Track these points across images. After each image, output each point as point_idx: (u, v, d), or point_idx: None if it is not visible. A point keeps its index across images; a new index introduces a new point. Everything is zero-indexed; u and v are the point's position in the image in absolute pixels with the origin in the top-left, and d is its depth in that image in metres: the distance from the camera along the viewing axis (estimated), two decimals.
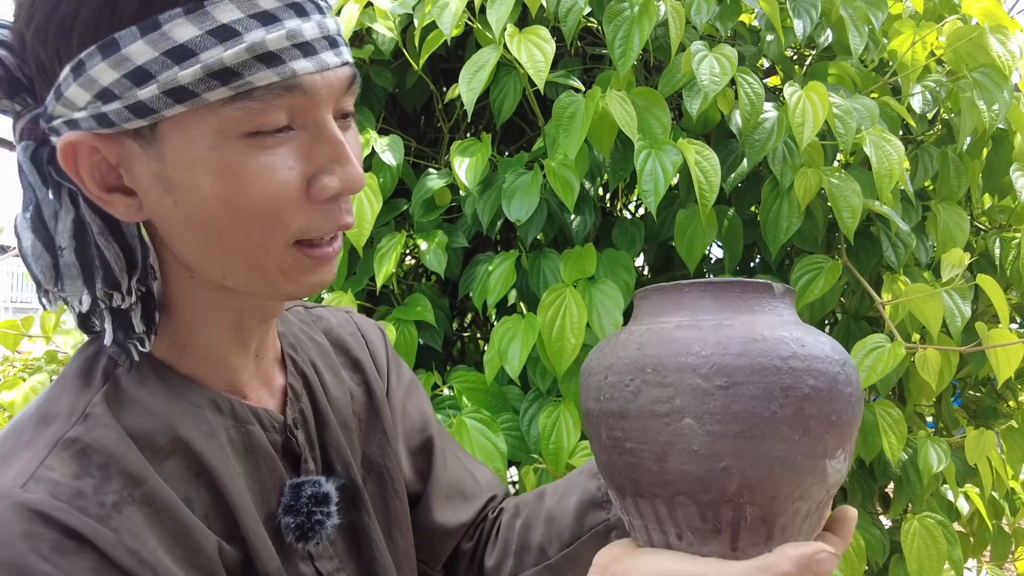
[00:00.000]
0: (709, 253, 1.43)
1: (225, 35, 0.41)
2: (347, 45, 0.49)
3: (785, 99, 1.15)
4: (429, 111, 1.54)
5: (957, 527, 1.37)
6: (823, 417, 0.42)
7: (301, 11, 0.44)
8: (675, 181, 1.31)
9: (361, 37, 1.39)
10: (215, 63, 0.41)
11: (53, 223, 0.46)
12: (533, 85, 1.24)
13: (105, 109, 0.42)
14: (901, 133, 1.36)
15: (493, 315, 1.45)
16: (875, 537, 1.30)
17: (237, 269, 0.48)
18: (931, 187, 1.46)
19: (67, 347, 1.50)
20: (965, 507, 1.49)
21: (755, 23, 1.47)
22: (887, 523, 1.51)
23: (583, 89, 1.21)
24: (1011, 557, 1.67)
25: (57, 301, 0.48)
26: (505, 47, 1.16)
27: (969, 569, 1.90)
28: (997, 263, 1.44)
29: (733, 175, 1.27)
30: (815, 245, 1.30)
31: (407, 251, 1.43)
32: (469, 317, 1.59)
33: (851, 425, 0.44)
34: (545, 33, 1.16)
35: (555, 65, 1.30)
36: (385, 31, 1.29)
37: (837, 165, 1.35)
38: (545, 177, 1.20)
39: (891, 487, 1.46)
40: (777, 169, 1.22)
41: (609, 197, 1.51)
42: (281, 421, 0.56)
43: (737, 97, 1.19)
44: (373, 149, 1.27)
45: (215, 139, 0.43)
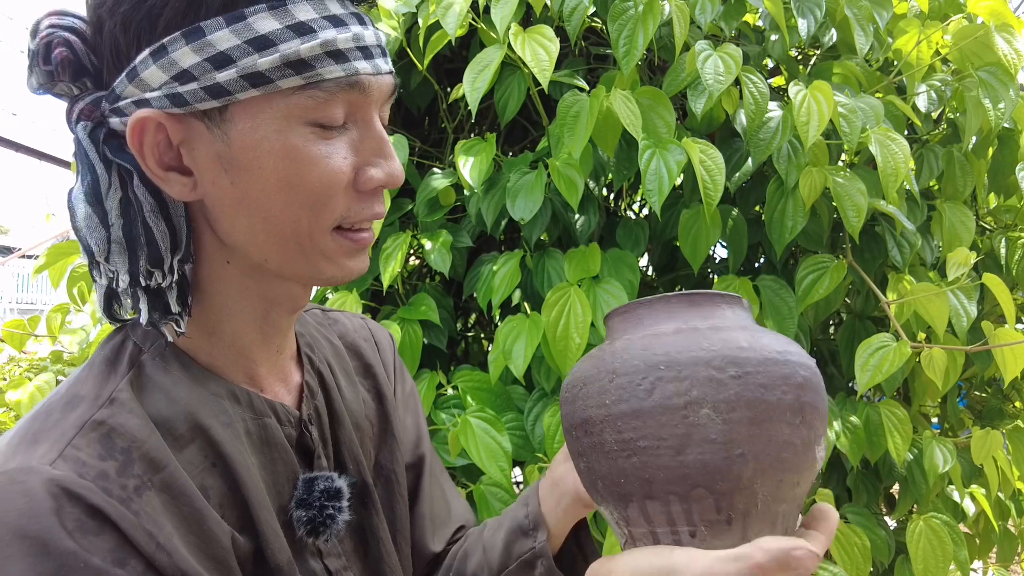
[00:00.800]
0: (713, 253, 1.43)
1: (302, 31, 0.46)
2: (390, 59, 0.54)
3: (790, 98, 1.15)
4: (433, 111, 1.54)
5: (963, 528, 1.37)
6: (813, 405, 0.47)
7: (361, 21, 0.50)
8: (679, 181, 1.31)
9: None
10: (292, 54, 0.46)
11: (105, 198, 0.49)
12: (537, 84, 1.25)
13: (181, 89, 0.46)
14: (906, 133, 1.36)
15: (497, 315, 1.45)
16: (880, 538, 1.30)
17: (280, 251, 0.50)
18: (936, 187, 1.45)
19: (72, 347, 1.51)
20: (971, 508, 1.48)
21: (759, 23, 1.47)
22: (892, 524, 1.50)
23: (587, 89, 1.21)
24: (1017, 559, 1.66)
25: (104, 275, 0.50)
26: (509, 46, 1.16)
27: (975, 571, 1.89)
28: (1003, 263, 1.43)
29: (738, 174, 1.27)
30: (820, 245, 1.30)
31: (411, 251, 1.43)
32: (473, 317, 1.59)
33: (825, 417, 0.49)
34: (549, 32, 1.16)
35: (559, 65, 1.30)
36: (389, 31, 1.29)
37: (842, 164, 1.35)
38: (549, 176, 1.20)
39: (896, 488, 1.45)
40: (782, 168, 1.22)
41: (613, 197, 1.51)
42: (296, 416, 0.57)
43: (742, 96, 1.19)
44: None
45: (282, 123, 0.47)
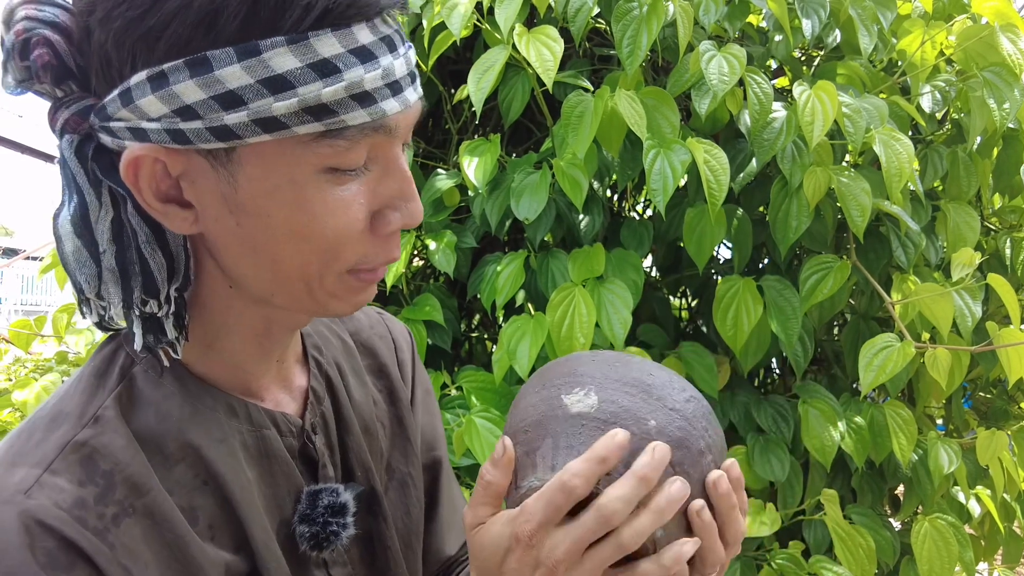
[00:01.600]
0: (717, 253, 1.43)
1: (326, 71, 0.40)
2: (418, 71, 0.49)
3: (794, 98, 1.15)
4: (437, 113, 1.54)
5: (968, 530, 1.36)
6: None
7: (392, 45, 0.44)
8: (683, 181, 1.31)
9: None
10: (312, 99, 0.40)
11: (94, 224, 0.44)
12: (542, 85, 1.25)
13: (183, 126, 0.41)
14: (910, 133, 1.36)
15: (501, 316, 1.45)
16: (885, 539, 1.29)
17: (287, 291, 0.47)
18: (940, 188, 1.45)
19: (78, 347, 1.51)
20: (976, 509, 1.47)
21: (763, 24, 1.47)
22: (897, 525, 1.50)
23: (592, 89, 1.22)
24: (1023, 560, 1.66)
25: (95, 311, 0.47)
26: (514, 47, 1.16)
27: (980, 572, 1.88)
28: (1008, 263, 1.43)
29: (742, 175, 1.27)
30: (824, 245, 1.30)
31: (416, 252, 1.44)
32: (477, 318, 1.59)
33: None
34: (554, 32, 1.16)
35: (563, 66, 1.31)
36: None
37: (846, 165, 1.35)
38: (554, 176, 1.20)
39: (901, 489, 1.45)
40: (786, 168, 1.22)
41: (617, 197, 1.51)
42: (299, 425, 0.55)
43: (746, 97, 1.19)
44: None
45: (296, 173, 0.43)
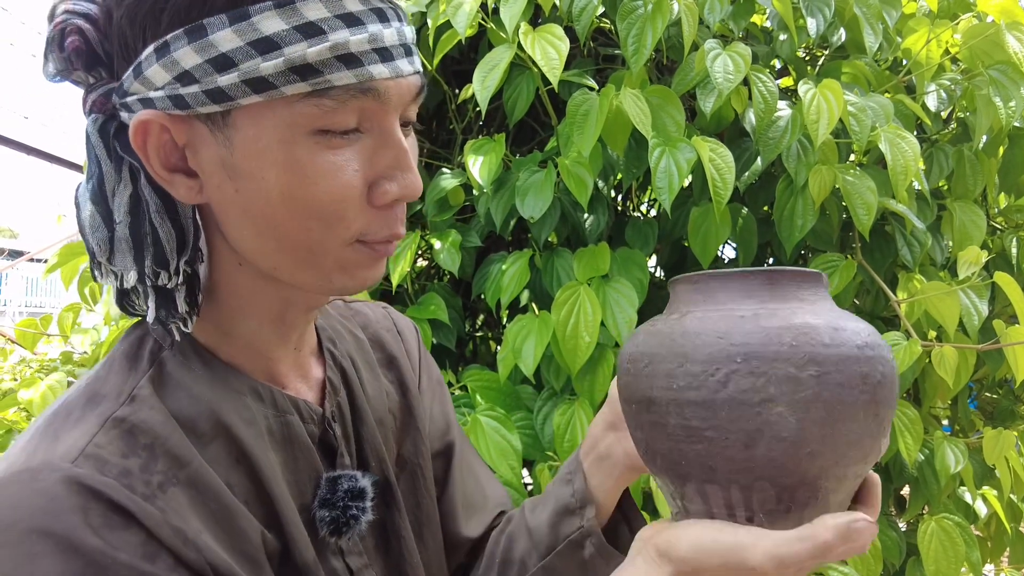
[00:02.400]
0: (722, 252, 1.42)
1: (311, 32, 0.42)
2: (419, 54, 0.50)
3: (800, 97, 1.15)
4: (442, 113, 1.54)
5: (974, 530, 1.36)
6: (887, 402, 0.45)
7: (383, 17, 0.45)
8: (688, 180, 1.31)
9: None
10: (298, 58, 0.42)
11: (112, 197, 0.47)
12: (547, 84, 1.25)
13: (183, 91, 0.43)
14: (916, 132, 1.36)
15: (505, 316, 1.45)
16: (891, 539, 1.29)
17: (290, 262, 0.48)
18: (946, 187, 1.45)
19: (84, 347, 1.52)
20: (983, 510, 1.47)
21: (767, 24, 1.47)
22: (903, 525, 1.49)
23: (597, 88, 1.22)
24: None
25: (108, 275, 0.49)
26: (519, 46, 1.16)
27: (987, 573, 1.87)
28: (1014, 263, 1.43)
29: (747, 174, 1.27)
30: (830, 244, 1.30)
31: (420, 251, 1.44)
32: (481, 318, 1.59)
33: (895, 404, 0.47)
34: (559, 31, 1.17)
35: (568, 66, 1.31)
36: None
37: (851, 163, 1.34)
38: (559, 175, 1.20)
39: (907, 489, 1.44)
40: (791, 167, 1.22)
41: (622, 197, 1.51)
42: (320, 413, 0.56)
43: (751, 95, 1.19)
44: None
45: (286, 132, 0.44)
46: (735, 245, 1.32)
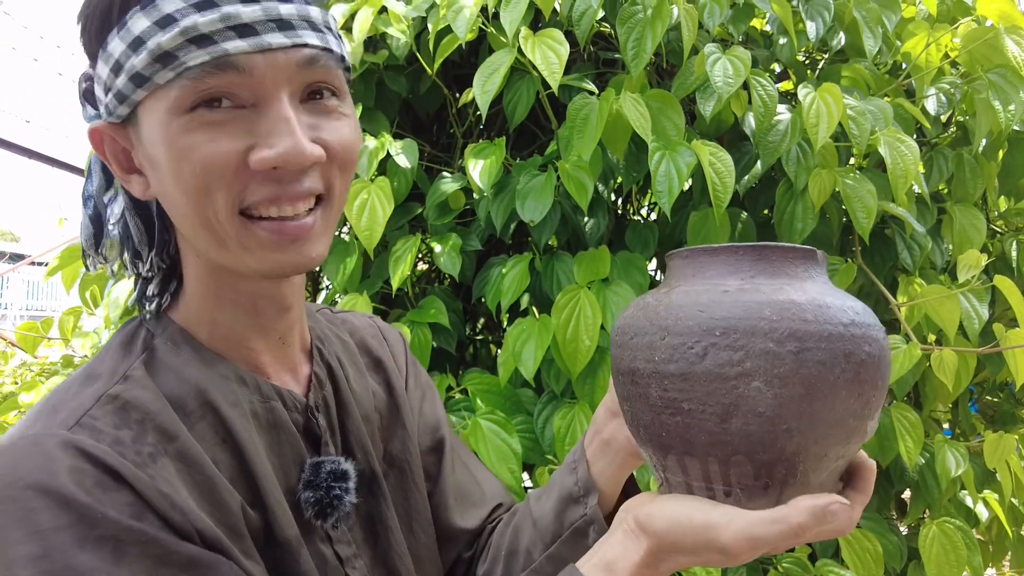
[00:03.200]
0: None
1: (166, 23, 0.46)
2: (320, 30, 0.50)
3: (799, 101, 1.15)
4: (442, 117, 1.55)
5: (976, 534, 1.35)
6: (872, 382, 0.44)
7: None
8: (688, 184, 1.31)
9: (375, 42, 1.41)
10: (156, 48, 0.46)
11: (104, 205, 0.56)
12: (547, 88, 1.25)
13: (106, 100, 0.49)
14: (915, 136, 1.36)
15: (505, 319, 1.45)
16: (892, 543, 1.29)
17: (205, 242, 0.50)
18: (946, 190, 1.45)
19: (84, 350, 1.52)
20: (984, 513, 1.47)
21: (767, 27, 1.48)
22: (904, 529, 1.49)
23: (597, 92, 1.22)
24: None
25: (96, 265, 0.57)
26: (519, 50, 1.17)
27: None
28: (1014, 266, 1.43)
29: (747, 177, 1.27)
30: (830, 247, 1.30)
31: (420, 255, 1.44)
32: (482, 321, 1.59)
33: (886, 388, 0.47)
34: (559, 35, 1.17)
35: (568, 70, 1.31)
36: (399, 35, 1.30)
37: (851, 166, 1.35)
38: (559, 179, 1.20)
39: (908, 493, 1.44)
40: (791, 170, 1.22)
41: (622, 200, 1.51)
42: (303, 403, 0.59)
43: (751, 99, 1.19)
44: (388, 152, 1.28)
45: (165, 117, 0.47)
46: None
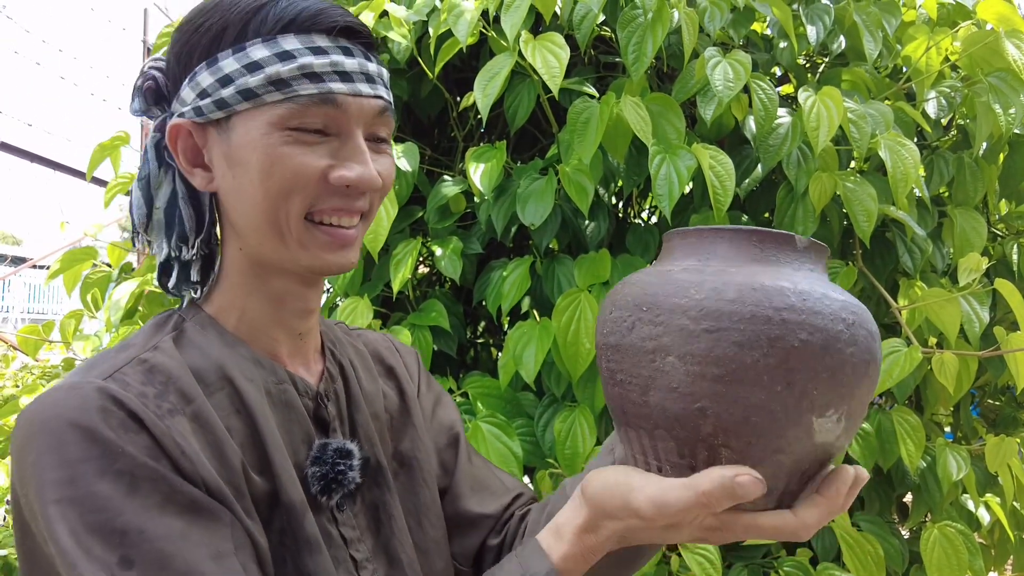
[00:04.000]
0: None
1: (285, 57, 0.57)
2: (387, 88, 0.63)
3: (800, 104, 1.15)
4: (443, 120, 1.55)
5: (978, 538, 1.35)
6: (811, 372, 0.42)
7: (348, 52, 0.59)
8: (689, 187, 1.31)
9: (377, 46, 1.41)
10: (274, 74, 0.57)
11: (155, 189, 0.64)
12: (548, 92, 1.25)
13: (201, 104, 0.59)
14: (916, 139, 1.36)
15: (506, 323, 1.45)
16: (893, 547, 1.29)
17: (267, 237, 0.59)
18: (947, 194, 1.45)
19: (85, 353, 1.52)
20: (986, 517, 1.46)
21: (768, 31, 1.48)
22: (905, 533, 1.49)
23: (597, 96, 1.22)
24: None
25: (145, 243, 0.65)
26: (520, 54, 1.17)
27: None
28: (1015, 269, 1.43)
29: (747, 181, 1.27)
30: (830, 250, 1.30)
31: (421, 258, 1.44)
32: (483, 324, 1.59)
33: (848, 386, 0.44)
34: (560, 39, 1.17)
35: (568, 73, 1.31)
36: (400, 39, 1.30)
37: (852, 170, 1.35)
38: (560, 182, 1.20)
39: (909, 497, 1.44)
40: (792, 174, 1.22)
41: (623, 204, 1.51)
42: (314, 390, 0.65)
43: (751, 103, 1.19)
44: None
45: (266, 128, 0.57)
46: None
